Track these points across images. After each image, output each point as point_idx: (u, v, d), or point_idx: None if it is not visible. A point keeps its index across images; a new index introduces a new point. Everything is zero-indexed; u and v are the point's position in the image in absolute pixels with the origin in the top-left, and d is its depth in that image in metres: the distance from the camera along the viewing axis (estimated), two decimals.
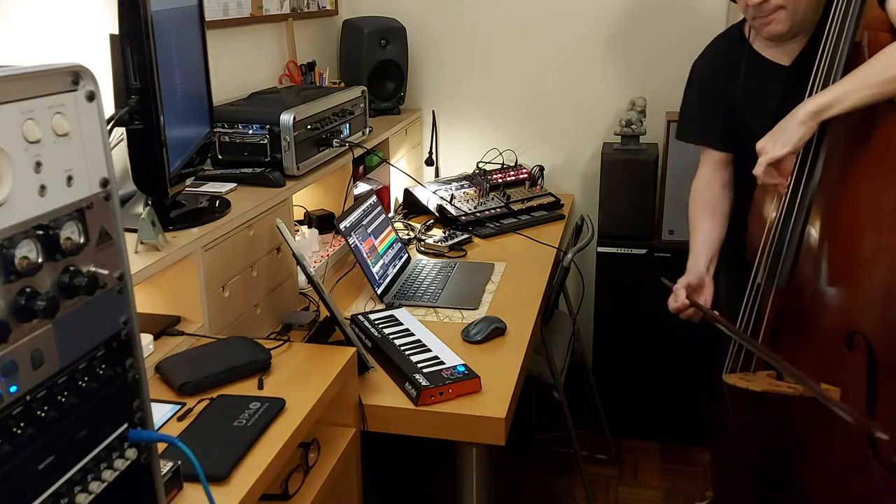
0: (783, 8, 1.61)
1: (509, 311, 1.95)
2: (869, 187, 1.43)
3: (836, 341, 1.45)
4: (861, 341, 1.40)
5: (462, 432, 1.55)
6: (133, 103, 1.41)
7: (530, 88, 3.04)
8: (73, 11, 1.62)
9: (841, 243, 1.47)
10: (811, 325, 1.53)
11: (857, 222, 1.44)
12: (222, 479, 1.12)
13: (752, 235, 1.68)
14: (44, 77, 0.68)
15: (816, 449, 1.53)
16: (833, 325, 1.47)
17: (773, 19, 1.63)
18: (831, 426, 1.48)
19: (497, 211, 2.70)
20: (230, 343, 1.51)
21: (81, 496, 0.72)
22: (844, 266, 1.46)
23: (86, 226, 0.72)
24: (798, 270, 1.55)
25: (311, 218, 2.32)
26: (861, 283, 1.43)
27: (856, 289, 1.44)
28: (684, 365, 2.63)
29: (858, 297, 1.43)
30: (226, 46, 2.25)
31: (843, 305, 1.46)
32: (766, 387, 1.51)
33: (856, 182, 1.45)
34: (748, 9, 1.65)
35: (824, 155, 1.50)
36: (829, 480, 1.51)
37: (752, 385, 1.52)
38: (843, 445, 1.46)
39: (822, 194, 1.51)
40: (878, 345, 1.39)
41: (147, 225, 1.44)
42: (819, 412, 1.50)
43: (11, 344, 0.64)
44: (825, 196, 1.51)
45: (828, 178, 1.50)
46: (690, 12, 2.79)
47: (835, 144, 1.48)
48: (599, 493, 2.60)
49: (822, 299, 1.51)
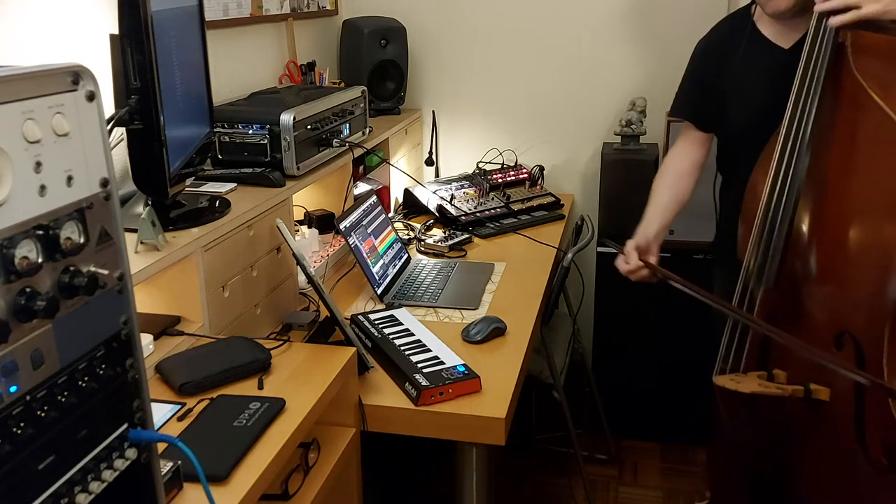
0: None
1: (509, 311, 1.95)
2: (853, 185, 1.43)
3: (824, 341, 1.45)
4: (849, 341, 1.41)
5: (462, 432, 1.55)
6: (133, 103, 1.41)
7: (530, 88, 3.04)
8: (73, 11, 1.62)
9: (827, 242, 1.47)
10: (800, 325, 1.53)
11: (842, 221, 1.44)
12: (222, 479, 1.12)
13: (742, 235, 1.69)
14: (44, 77, 0.68)
15: (807, 449, 1.54)
16: (821, 325, 1.48)
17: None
18: (821, 426, 1.49)
19: (497, 211, 2.70)
20: (230, 343, 1.51)
21: (81, 496, 0.72)
22: (831, 265, 1.46)
23: (86, 226, 0.72)
24: (785, 271, 1.55)
25: (311, 218, 2.32)
26: (848, 282, 1.43)
27: (843, 288, 1.44)
28: (684, 365, 2.62)
29: (846, 296, 1.43)
30: (226, 46, 2.25)
31: (831, 305, 1.46)
32: (755, 388, 1.52)
33: (840, 180, 1.45)
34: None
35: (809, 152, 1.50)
36: (821, 480, 1.51)
37: (742, 387, 1.53)
38: (832, 445, 1.46)
39: (807, 194, 1.51)
40: (866, 344, 1.39)
41: (147, 225, 1.44)
42: (809, 412, 1.50)
43: (11, 344, 0.64)
44: (810, 195, 1.51)
45: (812, 177, 1.51)
46: (690, 12, 2.79)
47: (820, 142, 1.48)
48: (599, 493, 2.60)
49: (810, 300, 1.51)
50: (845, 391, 1.41)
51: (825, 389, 1.45)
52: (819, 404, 1.47)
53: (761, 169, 1.62)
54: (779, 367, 1.56)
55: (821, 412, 1.47)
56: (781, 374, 1.55)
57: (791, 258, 1.54)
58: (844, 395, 1.42)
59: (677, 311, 2.48)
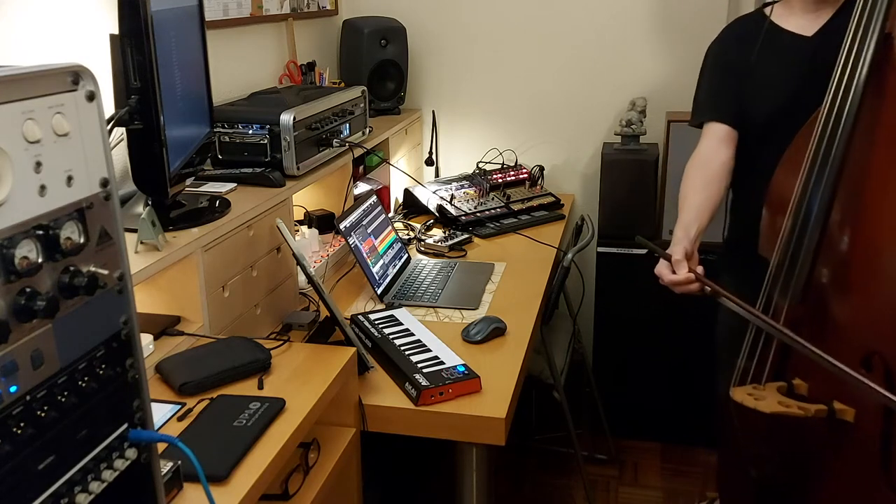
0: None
1: (509, 311, 1.95)
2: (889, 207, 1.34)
3: (852, 361, 1.34)
4: (879, 362, 1.33)
5: (462, 432, 1.55)
6: (133, 103, 1.41)
7: (530, 88, 3.04)
8: (73, 11, 1.62)
9: (862, 252, 1.38)
10: (826, 342, 1.40)
11: (881, 228, 1.35)
12: (222, 479, 1.12)
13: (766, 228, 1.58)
14: (44, 77, 0.68)
15: (826, 470, 1.47)
16: (850, 345, 1.38)
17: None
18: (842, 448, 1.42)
19: (497, 211, 2.70)
20: (230, 343, 1.51)
21: (81, 496, 0.72)
22: (863, 283, 1.37)
23: (86, 226, 0.72)
24: (814, 283, 1.46)
25: (311, 218, 2.32)
26: (881, 302, 1.34)
27: (875, 307, 1.35)
28: (684, 365, 2.63)
29: (877, 315, 1.34)
30: (226, 46, 2.25)
31: (861, 324, 1.38)
32: (775, 408, 1.41)
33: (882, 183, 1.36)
34: None
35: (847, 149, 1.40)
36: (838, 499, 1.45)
37: (761, 405, 1.41)
38: (853, 467, 1.40)
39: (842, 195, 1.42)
40: None
41: (147, 225, 1.44)
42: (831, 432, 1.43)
43: (11, 344, 0.64)
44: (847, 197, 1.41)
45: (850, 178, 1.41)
46: (691, 12, 2.79)
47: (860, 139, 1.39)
48: (599, 493, 2.60)
49: (839, 317, 1.42)
50: (872, 413, 1.34)
51: (850, 410, 1.37)
52: (843, 425, 1.39)
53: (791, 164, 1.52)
54: (799, 377, 1.48)
55: (844, 433, 1.39)
56: (802, 386, 1.47)
57: (821, 268, 1.45)
58: (871, 416, 1.35)
59: (678, 312, 2.49)
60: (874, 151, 1.38)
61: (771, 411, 1.40)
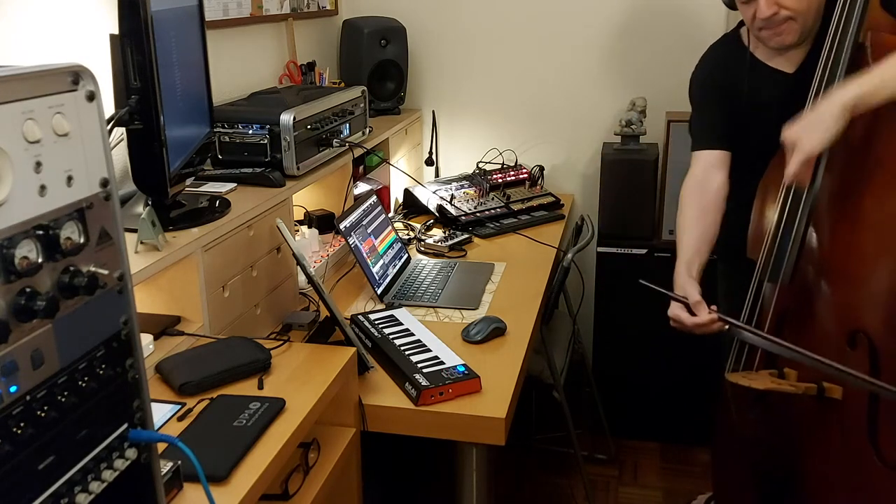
0: (793, 19, 1.58)
1: (509, 311, 1.95)
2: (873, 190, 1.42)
3: (838, 339, 1.45)
4: (864, 339, 1.40)
5: (462, 432, 1.55)
6: (133, 103, 1.41)
7: (530, 88, 3.03)
8: (73, 11, 1.62)
9: (844, 243, 1.47)
10: (813, 323, 1.53)
11: (860, 223, 1.43)
12: (222, 479, 1.12)
13: (753, 234, 1.68)
14: (44, 77, 0.68)
15: (818, 448, 1.53)
16: (835, 324, 1.47)
17: (784, 30, 1.60)
18: (833, 424, 1.48)
19: (497, 211, 2.70)
20: (230, 343, 1.51)
21: (81, 496, 0.72)
22: (847, 264, 1.46)
23: (86, 226, 0.72)
24: (801, 267, 1.55)
25: (311, 218, 2.32)
26: (864, 281, 1.42)
27: (859, 287, 1.43)
28: (684, 365, 2.63)
29: (861, 295, 1.42)
30: (226, 46, 2.25)
31: (845, 303, 1.46)
32: (768, 385, 1.50)
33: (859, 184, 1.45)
34: (755, 20, 1.61)
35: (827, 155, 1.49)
36: (831, 479, 1.51)
37: (755, 383, 1.51)
38: (844, 443, 1.46)
39: (824, 194, 1.50)
40: (880, 343, 1.39)
41: (147, 225, 1.44)
42: (821, 410, 1.50)
43: (11, 344, 0.64)
44: (828, 194, 1.50)
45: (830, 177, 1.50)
46: (690, 12, 2.79)
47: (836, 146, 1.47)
48: (599, 493, 2.60)
49: (825, 297, 1.50)
50: (859, 390, 1.41)
51: (838, 388, 1.45)
52: (831, 402, 1.47)
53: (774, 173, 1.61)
54: (789, 366, 1.56)
55: (833, 410, 1.46)
56: (792, 374, 1.55)
57: (807, 256, 1.54)
58: (858, 393, 1.42)
59: None
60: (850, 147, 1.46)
61: (764, 388, 1.49)
